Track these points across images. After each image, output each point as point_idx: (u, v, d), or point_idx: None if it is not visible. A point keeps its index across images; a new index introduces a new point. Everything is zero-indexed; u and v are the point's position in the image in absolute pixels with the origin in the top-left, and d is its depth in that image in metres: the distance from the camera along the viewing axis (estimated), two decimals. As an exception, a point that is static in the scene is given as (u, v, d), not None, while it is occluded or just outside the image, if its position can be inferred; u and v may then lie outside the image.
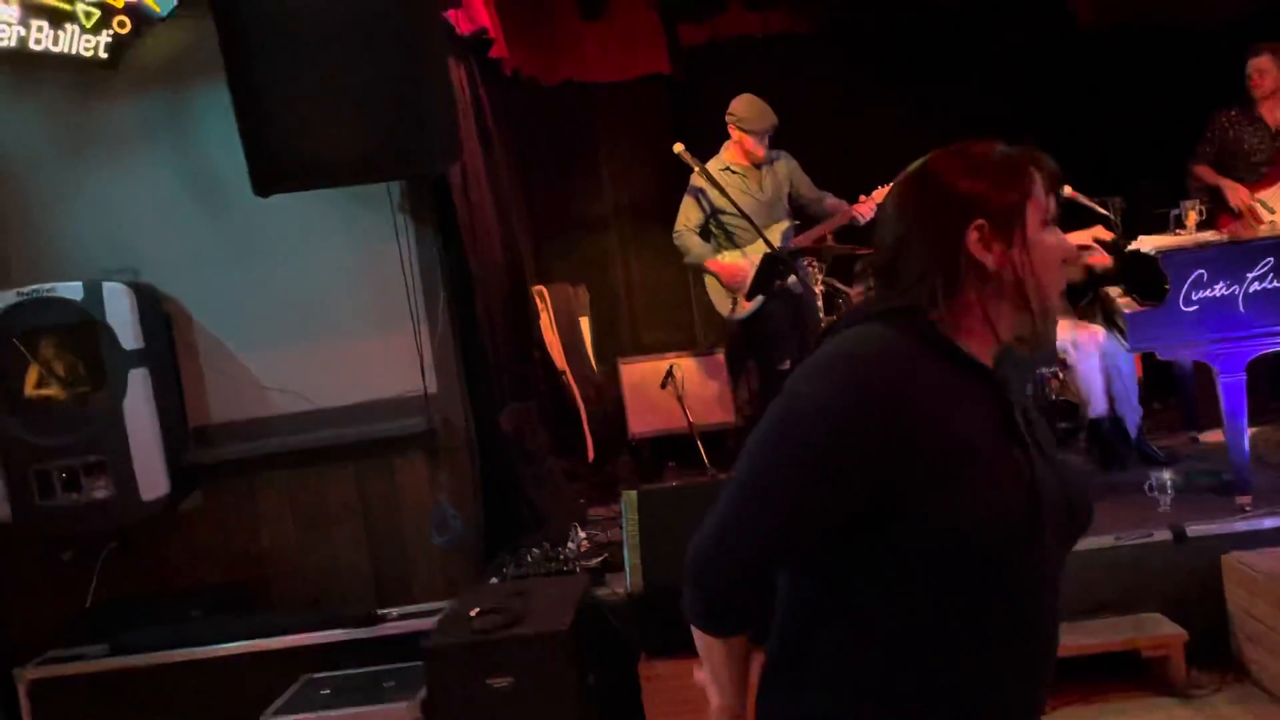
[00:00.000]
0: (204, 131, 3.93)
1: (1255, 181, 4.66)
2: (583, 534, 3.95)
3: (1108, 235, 3.91)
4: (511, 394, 4.51)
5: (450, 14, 4.05)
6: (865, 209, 4.54)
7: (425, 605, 3.77)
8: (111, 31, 3.83)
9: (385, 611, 3.75)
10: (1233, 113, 4.74)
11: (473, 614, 3.14)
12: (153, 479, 3.78)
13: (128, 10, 3.82)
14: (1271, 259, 3.55)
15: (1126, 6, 6.06)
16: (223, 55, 3.31)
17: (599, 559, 3.75)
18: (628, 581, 3.14)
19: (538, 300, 5.24)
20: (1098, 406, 4.13)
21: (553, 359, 5.24)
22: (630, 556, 3.17)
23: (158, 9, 3.83)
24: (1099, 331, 4.13)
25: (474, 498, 4.07)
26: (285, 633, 3.68)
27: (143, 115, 3.99)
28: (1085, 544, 3.44)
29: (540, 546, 3.86)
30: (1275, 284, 3.53)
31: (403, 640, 3.55)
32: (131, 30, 3.85)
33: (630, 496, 3.33)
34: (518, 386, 4.69)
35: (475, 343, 4.21)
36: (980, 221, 1.28)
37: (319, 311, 4.00)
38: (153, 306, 3.94)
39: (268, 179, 3.43)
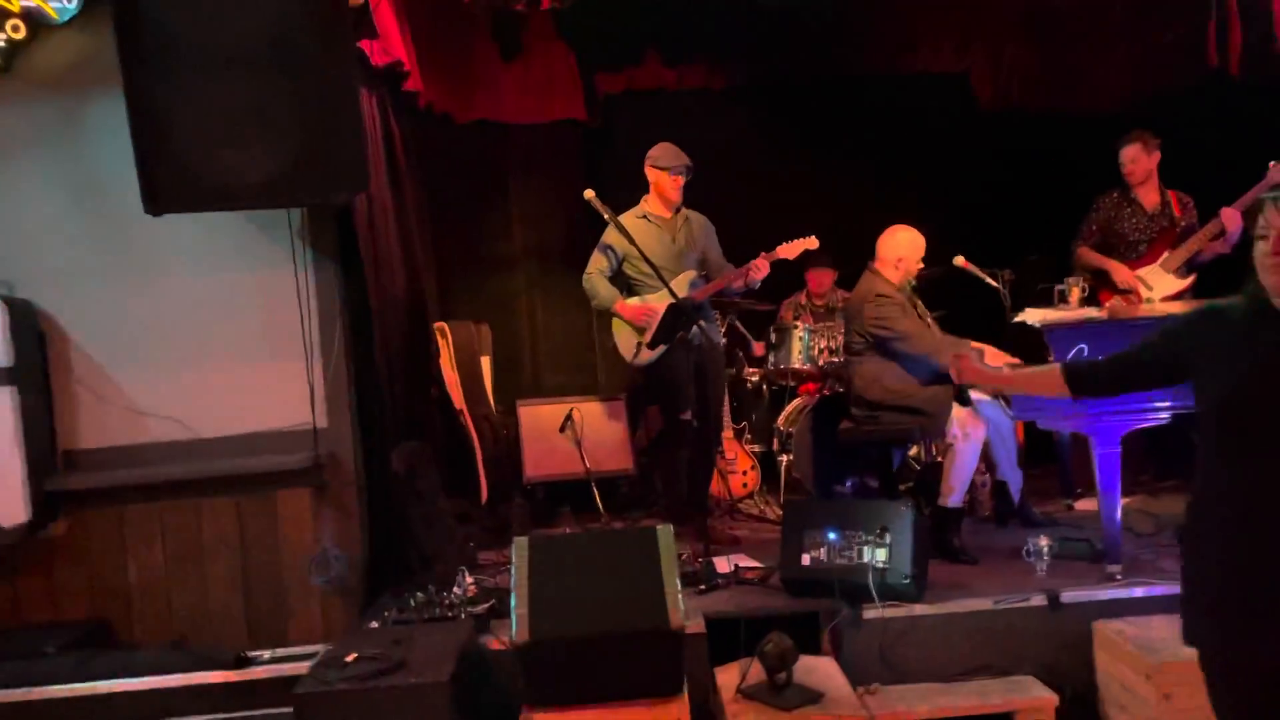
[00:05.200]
0: (96, 144, 3.79)
1: (1135, 259, 4.91)
2: (470, 579, 3.86)
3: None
4: (406, 431, 4.42)
5: (365, 44, 4.00)
6: (762, 267, 4.60)
7: (300, 649, 3.63)
8: (4, 35, 3.68)
9: (256, 654, 3.60)
10: (1114, 195, 5.01)
11: (349, 659, 3.02)
12: (12, 505, 3.58)
13: (23, 15, 3.68)
14: (1149, 338, 3.72)
15: (1022, 92, 6.38)
16: (121, 67, 3.19)
17: (485, 605, 3.67)
18: (513, 630, 3.07)
19: (439, 337, 5.16)
20: (958, 497, 4.25)
21: (451, 397, 5.16)
22: (518, 604, 3.11)
23: (55, 15, 3.69)
24: (984, 425, 4.25)
25: (359, 537, 3.95)
26: (147, 673, 3.49)
27: (32, 122, 3.83)
28: (966, 606, 3.56)
29: (425, 590, 3.76)
30: (1150, 362, 3.69)
31: (274, 685, 3.41)
32: (26, 35, 3.71)
33: (521, 542, 3.27)
34: (412, 424, 4.60)
35: (371, 377, 4.12)
36: None
37: (206, 337, 3.87)
38: (26, 322, 3.75)
39: (161, 197, 3.31)
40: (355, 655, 3.05)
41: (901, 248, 4.47)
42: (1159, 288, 4.84)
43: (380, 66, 4.22)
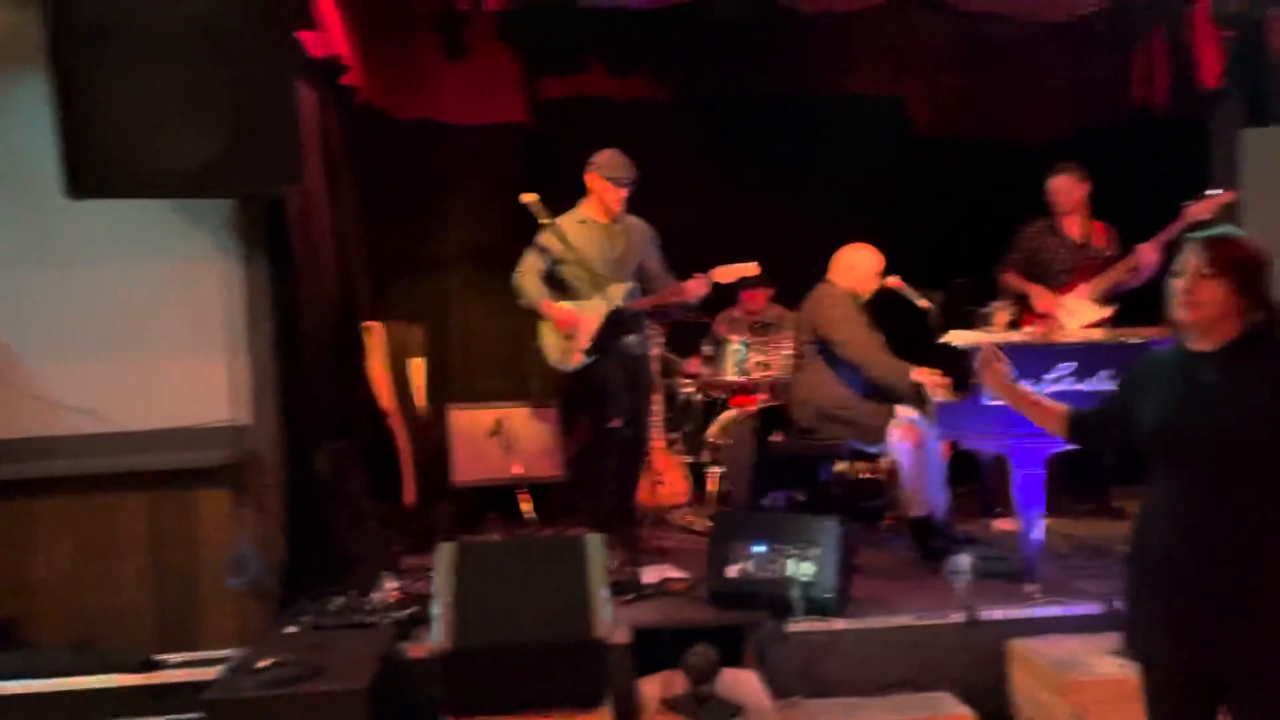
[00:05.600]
0: (17, 124, 3.65)
1: (1058, 287, 5.05)
2: (392, 584, 3.79)
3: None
4: (332, 431, 4.33)
5: (304, 35, 3.92)
6: (699, 288, 4.62)
7: (211, 653, 3.51)
8: (-78, 5, 3.52)
9: (165, 657, 3.47)
10: (1039, 224, 5.16)
11: (263, 665, 2.95)
12: (-89, 495, 3.41)
13: (-56, -15, 3.53)
14: (1071, 363, 3.83)
15: (955, 119, 6.53)
16: (47, 45, 3.09)
17: (408, 612, 3.61)
18: (436, 638, 3.03)
19: (369, 337, 5.07)
20: (921, 506, 4.34)
21: (379, 398, 5.07)
22: (441, 611, 3.07)
23: (-21, -13, 3.55)
24: (920, 430, 4.33)
25: (279, 539, 3.85)
26: (49, 675, 3.34)
27: (-51, 98, 3.67)
28: (887, 622, 3.61)
29: (345, 595, 3.68)
30: (1073, 386, 3.80)
31: (183, 690, 3.28)
32: (-53, 6, 3.56)
33: (447, 549, 3.23)
34: (339, 424, 4.50)
35: (297, 375, 4.03)
36: None
37: (126, 327, 3.75)
38: (-66, 305, 3.59)
39: (84, 182, 3.20)
40: (270, 660, 2.97)
41: (854, 257, 4.62)
42: (1079, 315, 4.98)
43: (319, 59, 4.14)
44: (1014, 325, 4.88)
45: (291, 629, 3.47)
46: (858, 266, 4.61)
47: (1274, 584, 2.10)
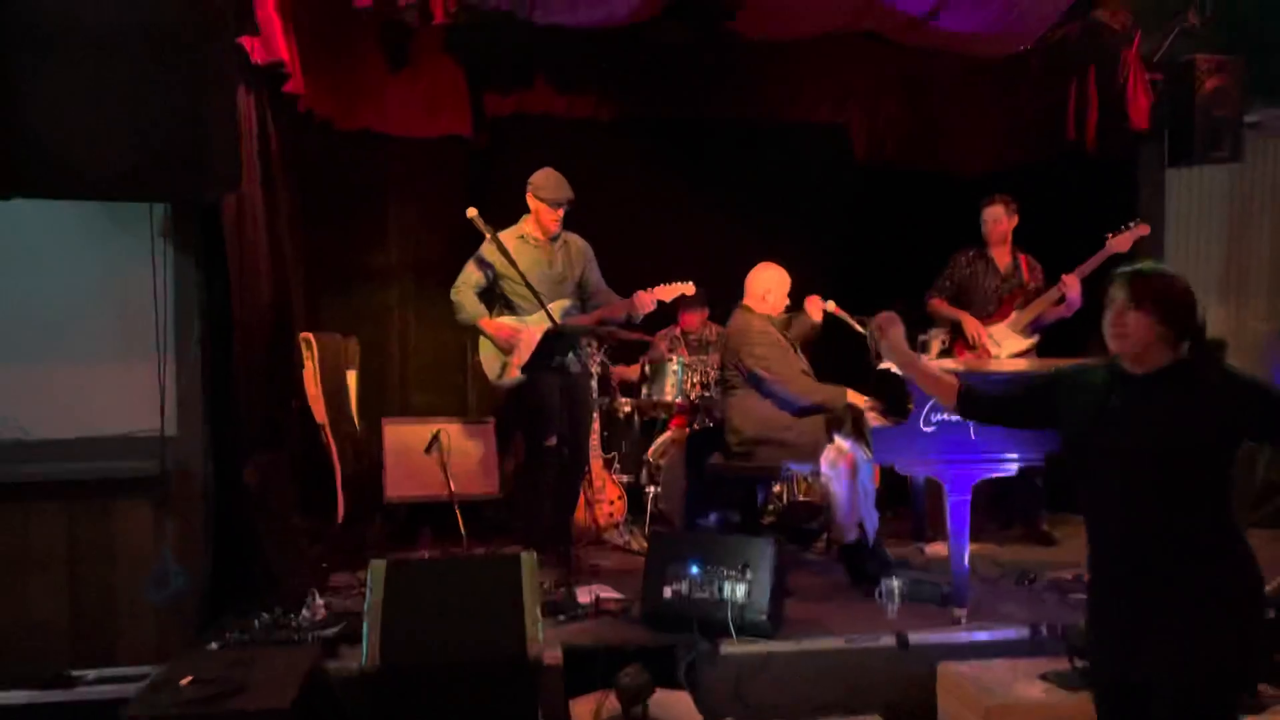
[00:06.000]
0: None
1: (985, 316, 5.17)
2: (320, 601, 3.72)
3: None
4: (262, 443, 4.23)
5: (246, 40, 3.86)
6: (646, 303, 4.63)
7: (130, 669, 3.41)
8: None
9: (81, 673, 3.36)
10: (970, 253, 5.28)
11: (184, 682, 2.87)
12: None
13: None
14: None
15: (895, 149, 6.66)
16: (-25, 39, 2.99)
17: (336, 629, 3.53)
18: (364, 657, 2.97)
19: (304, 348, 4.98)
20: (851, 533, 4.39)
21: (312, 411, 4.98)
22: (370, 630, 3.01)
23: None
24: (853, 456, 4.39)
25: (203, 552, 3.75)
26: (-45, 691, 3.22)
27: None
28: (818, 645, 3.63)
29: (271, 611, 3.60)
30: (999, 415, 3.87)
31: (99, 707, 3.19)
32: None
33: (378, 566, 3.17)
34: (270, 436, 4.41)
35: (228, 385, 3.94)
36: None
37: (48, 330, 3.64)
38: None
39: (11, 180, 3.10)
40: (191, 678, 2.89)
41: (769, 282, 4.66)
42: (1006, 345, 5.11)
43: (260, 65, 4.07)
44: (947, 353, 4.98)
45: (214, 645, 3.37)
46: (772, 290, 4.69)
47: (1179, 594, 2.21)
